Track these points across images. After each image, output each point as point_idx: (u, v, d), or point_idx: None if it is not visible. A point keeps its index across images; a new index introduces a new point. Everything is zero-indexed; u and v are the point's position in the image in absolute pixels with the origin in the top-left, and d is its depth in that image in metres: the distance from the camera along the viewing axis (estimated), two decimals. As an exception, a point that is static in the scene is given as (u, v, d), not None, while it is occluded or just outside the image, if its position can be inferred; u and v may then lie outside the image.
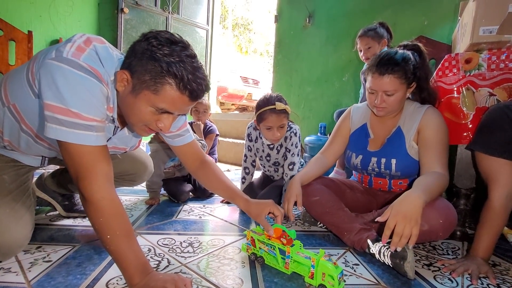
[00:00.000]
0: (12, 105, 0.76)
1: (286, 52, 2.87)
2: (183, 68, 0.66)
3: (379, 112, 1.15)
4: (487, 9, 1.02)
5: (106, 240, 0.67)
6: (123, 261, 0.68)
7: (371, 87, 1.10)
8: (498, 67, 1.08)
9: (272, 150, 1.54)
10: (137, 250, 0.70)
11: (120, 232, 0.68)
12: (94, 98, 0.67)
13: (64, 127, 0.64)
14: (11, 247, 0.80)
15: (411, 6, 2.17)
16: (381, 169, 1.19)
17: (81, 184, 0.66)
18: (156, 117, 0.72)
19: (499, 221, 0.93)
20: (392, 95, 1.08)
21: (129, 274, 0.68)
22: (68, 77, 0.63)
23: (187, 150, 1.01)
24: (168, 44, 0.67)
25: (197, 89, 0.70)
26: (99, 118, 0.68)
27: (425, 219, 0.92)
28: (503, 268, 1.00)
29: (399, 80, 1.05)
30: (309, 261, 0.81)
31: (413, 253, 0.89)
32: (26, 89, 0.73)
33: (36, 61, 0.71)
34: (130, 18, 2.93)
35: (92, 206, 0.66)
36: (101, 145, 0.69)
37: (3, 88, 0.78)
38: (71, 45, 0.66)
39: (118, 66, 0.73)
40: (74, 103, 0.63)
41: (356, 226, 1.08)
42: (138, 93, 0.68)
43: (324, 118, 2.61)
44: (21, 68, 0.77)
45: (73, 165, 0.66)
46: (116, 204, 0.69)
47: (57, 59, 0.64)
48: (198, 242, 1.07)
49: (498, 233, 0.94)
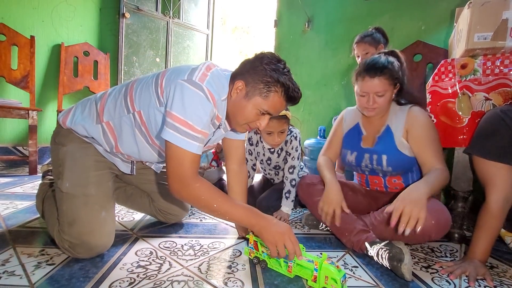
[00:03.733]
0: (137, 112, 0.92)
1: (285, 56, 2.87)
2: (287, 80, 0.87)
3: (370, 113, 1.20)
4: (481, 16, 1.05)
5: (215, 209, 0.82)
6: (236, 215, 0.84)
7: (363, 90, 1.16)
8: (493, 73, 1.10)
9: (273, 154, 1.56)
10: (240, 204, 0.87)
11: (221, 198, 0.83)
12: (206, 116, 0.82)
13: (178, 134, 0.79)
14: (103, 246, 0.95)
15: (408, 11, 2.20)
16: (374, 165, 1.23)
17: (176, 184, 0.81)
18: (258, 118, 0.91)
19: (496, 224, 0.94)
20: (382, 96, 1.15)
21: (246, 222, 0.84)
22: (193, 96, 0.80)
23: (236, 145, 1.14)
24: (274, 62, 0.87)
25: (296, 96, 0.91)
26: (205, 131, 0.83)
27: None
28: (500, 270, 1.02)
29: (388, 81, 1.13)
30: (312, 264, 0.82)
31: (410, 255, 0.91)
32: (154, 99, 0.88)
33: (165, 77, 0.88)
34: (131, 23, 2.95)
35: (192, 193, 0.81)
36: (198, 154, 0.83)
37: (129, 96, 0.93)
38: (198, 71, 0.84)
39: (228, 80, 0.91)
40: (191, 117, 0.79)
41: (356, 228, 1.11)
42: (250, 97, 0.88)
43: (324, 121, 2.63)
44: (145, 79, 0.94)
45: (174, 166, 0.81)
46: (206, 183, 0.83)
47: (188, 81, 0.81)
48: (199, 245, 1.08)
49: (495, 236, 0.96)
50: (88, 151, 1.00)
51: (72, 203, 0.93)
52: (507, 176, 0.94)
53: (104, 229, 0.95)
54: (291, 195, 1.44)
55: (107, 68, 2.84)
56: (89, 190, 0.96)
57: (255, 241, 0.93)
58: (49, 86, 2.61)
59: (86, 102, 1.02)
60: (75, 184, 0.95)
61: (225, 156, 1.17)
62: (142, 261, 0.93)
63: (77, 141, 1.00)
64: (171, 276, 0.84)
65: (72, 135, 1.00)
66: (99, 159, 1.03)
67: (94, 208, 0.95)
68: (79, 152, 0.99)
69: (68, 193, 0.94)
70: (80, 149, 1.00)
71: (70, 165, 0.97)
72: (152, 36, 3.10)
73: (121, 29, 2.89)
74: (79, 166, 0.98)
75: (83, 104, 1.02)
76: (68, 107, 1.05)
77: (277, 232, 0.81)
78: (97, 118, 0.97)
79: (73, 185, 0.95)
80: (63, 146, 0.99)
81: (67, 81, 2.60)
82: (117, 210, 1.42)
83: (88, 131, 0.98)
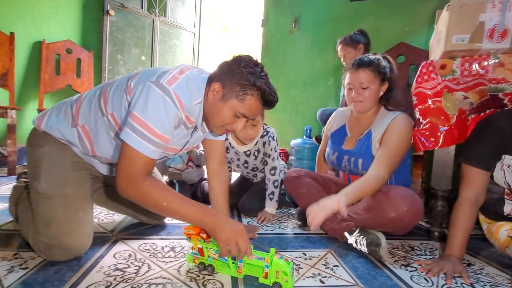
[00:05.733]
0: (110, 114, 0.89)
1: (272, 56, 2.90)
2: (264, 83, 0.86)
3: (356, 107, 1.24)
4: (459, 19, 1.07)
5: (164, 207, 0.79)
6: (187, 214, 0.80)
7: (349, 83, 1.22)
8: (470, 73, 1.12)
9: (249, 157, 1.52)
10: (191, 201, 0.83)
11: (171, 196, 0.80)
12: (168, 121, 0.80)
13: (134, 134, 0.77)
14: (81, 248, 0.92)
15: (393, 13, 2.24)
16: (351, 167, 1.27)
17: (124, 182, 0.78)
18: (234, 120, 0.90)
19: (469, 219, 1.00)
20: (367, 88, 1.19)
21: (198, 220, 0.81)
22: (157, 99, 0.78)
23: (216, 146, 1.13)
24: (252, 65, 0.87)
25: (272, 100, 0.90)
26: (166, 136, 0.80)
27: (392, 207, 1.04)
28: (477, 268, 1.04)
29: (372, 74, 1.18)
30: (262, 261, 0.82)
31: (385, 239, 1.02)
32: (124, 100, 0.86)
33: (135, 79, 0.86)
34: (116, 20, 2.90)
35: (140, 191, 0.78)
36: (153, 158, 0.80)
37: (103, 99, 0.91)
38: (168, 74, 0.82)
39: (204, 83, 0.90)
40: (152, 119, 0.77)
41: (337, 217, 1.17)
42: (227, 99, 0.87)
43: (310, 121, 2.65)
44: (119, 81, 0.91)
45: (124, 166, 0.78)
46: (157, 181, 0.80)
47: (155, 84, 0.79)
48: (180, 246, 1.06)
49: (468, 232, 1.01)
50: (65, 152, 0.98)
51: (49, 204, 0.91)
52: (483, 180, 1.02)
53: (82, 230, 0.93)
54: (274, 196, 1.44)
55: (91, 66, 2.77)
56: (66, 191, 0.94)
57: (199, 247, 0.89)
58: (29, 84, 2.53)
59: (61, 105, 1.00)
60: (52, 184, 0.93)
61: (205, 156, 1.17)
62: (120, 263, 0.91)
63: (54, 142, 0.97)
64: (149, 279, 0.83)
65: (49, 137, 0.97)
66: (76, 160, 1.00)
67: (71, 209, 0.93)
68: (56, 153, 0.97)
69: (44, 193, 0.91)
70: (57, 150, 0.97)
71: (47, 165, 0.95)
72: (137, 34, 3.05)
73: (105, 27, 2.83)
74: (57, 166, 0.96)
75: (58, 107, 1.00)
76: (44, 111, 1.03)
77: (231, 230, 0.79)
78: (72, 122, 0.95)
79: (50, 186, 0.93)
80: (39, 147, 0.97)
81: (48, 79, 2.52)
82: (97, 212, 1.39)
83: (63, 135, 0.96)
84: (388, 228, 1.11)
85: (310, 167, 2.06)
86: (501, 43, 1.03)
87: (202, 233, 0.87)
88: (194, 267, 0.91)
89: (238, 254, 0.80)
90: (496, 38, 1.03)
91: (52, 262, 0.90)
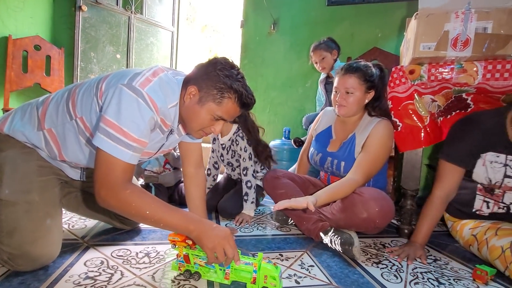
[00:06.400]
0: (79, 118, 0.85)
1: (252, 57, 2.90)
2: (240, 86, 0.86)
3: (340, 111, 1.27)
4: (426, 27, 1.12)
5: (147, 216, 0.76)
6: (171, 222, 0.78)
7: (336, 86, 1.26)
8: (436, 79, 1.18)
9: (224, 150, 1.57)
10: (175, 208, 0.81)
11: (154, 204, 0.77)
12: (144, 124, 0.77)
13: (109, 140, 0.73)
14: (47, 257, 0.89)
15: (366, 19, 2.31)
16: (333, 169, 1.31)
17: (103, 191, 0.74)
18: (212, 123, 0.89)
19: (436, 214, 1.12)
20: (351, 94, 1.22)
21: (183, 228, 0.79)
22: (131, 102, 0.75)
23: (193, 149, 1.12)
24: (228, 68, 0.86)
25: (250, 102, 0.90)
26: (143, 140, 0.78)
27: (364, 208, 1.09)
28: (443, 263, 1.10)
29: (358, 80, 1.21)
30: (250, 267, 0.82)
31: (358, 239, 1.07)
32: (94, 104, 0.83)
33: (106, 81, 0.82)
34: (89, 16, 2.78)
35: (121, 200, 0.74)
36: (132, 164, 0.77)
37: (71, 102, 0.87)
38: (141, 76, 0.79)
39: (179, 85, 0.88)
40: (127, 123, 0.74)
41: (313, 217, 1.21)
42: (204, 103, 0.86)
43: (289, 122, 2.68)
44: (88, 83, 0.88)
45: (102, 174, 0.74)
46: (138, 189, 0.78)
47: (127, 86, 0.76)
48: (156, 251, 1.04)
49: (435, 224, 1.13)
50: (30, 156, 0.93)
51: (12, 211, 0.86)
52: (457, 177, 1.11)
53: (48, 238, 0.89)
54: (249, 197, 1.44)
55: (61, 63, 2.65)
56: (31, 197, 0.89)
57: (185, 254, 0.87)
58: (-7, 82, 2.37)
59: (26, 107, 0.95)
60: (16, 190, 0.88)
61: (182, 159, 1.15)
62: (91, 271, 0.88)
63: (18, 146, 0.92)
64: (122, 287, 0.80)
65: (12, 140, 0.92)
66: (43, 164, 0.96)
67: (37, 216, 0.88)
68: (21, 158, 0.92)
69: (7, 200, 0.86)
70: (22, 154, 0.92)
71: (10, 171, 0.89)
72: (112, 31, 2.95)
73: (78, 23, 2.71)
74: (21, 171, 0.91)
75: (23, 109, 0.95)
76: (7, 113, 0.97)
77: (216, 237, 0.77)
78: (38, 125, 0.90)
79: (14, 192, 0.88)
80: (2, 151, 0.91)
81: (15, 77, 2.38)
82: (68, 218, 1.33)
83: (28, 138, 0.91)
84: (361, 228, 1.15)
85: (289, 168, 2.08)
86: (464, 51, 1.09)
87: (188, 240, 0.86)
88: (168, 272, 0.90)
89: (226, 260, 0.79)
90: (459, 47, 1.10)
91: (17, 272, 0.85)
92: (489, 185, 1.10)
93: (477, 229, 1.09)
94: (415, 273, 1.00)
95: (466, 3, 1.07)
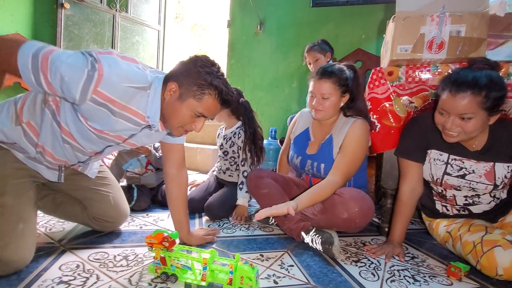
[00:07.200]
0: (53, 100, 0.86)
1: (238, 57, 2.91)
2: (221, 83, 0.87)
3: (316, 115, 1.27)
4: (403, 30, 1.15)
5: None
6: None
7: (311, 91, 1.26)
8: (414, 80, 1.21)
9: (224, 140, 1.66)
10: None
11: None
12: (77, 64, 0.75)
13: None
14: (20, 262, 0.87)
15: (350, 20, 2.35)
16: (314, 171, 1.32)
17: None
18: (193, 120, 0.90)
19: (407, 210, 1.15)
20: (327, 99, 1.22)
21: None
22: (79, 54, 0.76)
23: (175, 149, 1.12)
24: (208, 65, 0.87)
25: (230, 99, 0.91)
26: None
27: (344, 208, 1.11)
28: (420, 260, 1.13)
29: (333, 86, 1.21)
30: (227, 268, 0.82)
31: (338, 238, 1.09)
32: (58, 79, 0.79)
33: None
34: (72, 14, 2.72)
35: None
36: None
37: None
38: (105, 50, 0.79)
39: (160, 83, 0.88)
40: None
41: (295, 217, 1.22)
42: (184, 99, 0.86)
43: (275, 122, 2.69)
44: None
45: None
46: None
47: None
48: (134, 254, 1.03)
49: (408, 220, 1.17)
50: (5, 158, 0.92)
51: None
52: (415, 171, 1.15)
53: (21, 243, 0.87)
54: (244, 186, 1.51)
55: (43, 62, 2.58)
56: (4, 200, 0.88)
57: (162, 256, 0.86)
58: (-30, 81, 2.29)
59: (4, 104, 0.94)
60: None
61: (164, 160, 1.14)
62: (66, 276, 0.86)
63: None
64: (97, 290, 0.79)
65: None
66: (19, 166, 0.94)
67: (9, 220, 0.87)
68: None
69: None
70: None
71: None
72: (96, 30, 2.90)
73: (60, 21, 2.65)
74: None
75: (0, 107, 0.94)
76: None
77: None
78: (17, 120, 0.90)
79: None
80: None
81: (-8, 75, 2.31)
82: (46, 220, 1.30)
83: (7, 135, 0.90)
84: (342, 228, 1.16)
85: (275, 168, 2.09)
86: (439, 54, 1.12)
87: (165, 242, 0.85)
88: (146, 275, 0.89)
89: None
90: (434, 49, 1.12)
91: (-14, 278, 0.83)
92: (432, 181, 1.16)
93: (452, 226, 1.13)
94: (392, 271, 1.02)
95: (441, 7, 1.09)
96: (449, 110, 0.94)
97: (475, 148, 1.06)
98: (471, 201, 1.13)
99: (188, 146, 2.85)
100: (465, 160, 1.07)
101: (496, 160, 1.04)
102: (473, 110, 0.90)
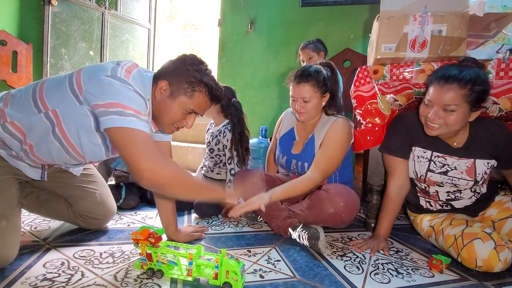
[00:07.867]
0: (52, 111, 0.84)
1: (229, 56, 2.91)
2: (210, 80, 0.91)
3: (300, 117, 1.28)
4: (387, 29, 1.17)
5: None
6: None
7: (292, 95, 1.26)
8: (398, 78, 1.24)
9: (211, 137, 1.67)
10: None
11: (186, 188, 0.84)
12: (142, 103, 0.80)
13: (121, 116, 0.74)
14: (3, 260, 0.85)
15: (339, 20, 2.38)
16: (299, 170, 1.33)
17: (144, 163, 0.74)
18: (184, 117, 0.92)
19: (394, 206, 1.16)
20: (309, 102, 1.23)
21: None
22: (123, 86, 0.78)
23: (162, 147, 1.09)
24: (197, 63, 0.90)
25: (220, 95, 0.95)
26: (146, 116, 0.81)
27: (331, 203, 1.13)
28: (404, 254, 1.15)
29: (313, 88, 1.22)
30: (213, 263, 0.83)
31: (324, 233, 1.11)
32: (69, 97, 0.82)
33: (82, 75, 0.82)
34: (60, 11, 2.68)
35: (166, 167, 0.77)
36: (150, 134, 0.79)
37: (39, 96, 0.86)
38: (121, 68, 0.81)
39: (150, 81, 0.90)
40: (127, 101, 0.76)
41: (282, 214, 1.24)
42: (175, 97, 0.89)
43: (266, 121, 2.71)
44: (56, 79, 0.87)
45: (129, 149, 0.74)
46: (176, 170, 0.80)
47: (112, 77, 0.77)
48: (121, 251, 1.03)
49: (394, 216, 1.18)
50: None
51: None
52: (402, 167, 1.17)
53: (4, 241, 0.86)
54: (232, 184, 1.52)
55: (29, 60, 2.54)
56: None
57: (148, 252, 0.86)
58: (-48, 78, 2.24)
59: None
60: None
61: None
62: (50, 273, 0.85)
63: None
64: (81, 287, 0.79)
65: None
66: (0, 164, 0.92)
67: None
68: None
69: None
70: None
71: None
72: (84, 27, 2.86)
73: (47, 18, 2.61)
74: None
75: None
76: None
77: None
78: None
79: None
80: None
81: (-23, 73, 2.26)
82: (32, 219, 1.28)
83: None
84: (329, 223, 1.18)
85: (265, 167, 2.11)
86: (421, 52, 1.15)
87: (151, 238, 0.85)
88: (131, 271, 0.89)
89: None
90: (417, 48, 1.15)
91: (-32, 276, 0.81)
92: (416, 178, 1.19)
93: (434, 221, 1.16)
94: (376, 264, 1.04)
95: (423, 7, 1.12)
96: (434, 101, 0.97)
97: (457, 145, 1.09)
98: (453, 196, 1.16)
99: (179, 145, 2.84)
100: (448, 157, 1.10)
101: (476, 157, 1.07)
102: (457, 102, 0.94)
